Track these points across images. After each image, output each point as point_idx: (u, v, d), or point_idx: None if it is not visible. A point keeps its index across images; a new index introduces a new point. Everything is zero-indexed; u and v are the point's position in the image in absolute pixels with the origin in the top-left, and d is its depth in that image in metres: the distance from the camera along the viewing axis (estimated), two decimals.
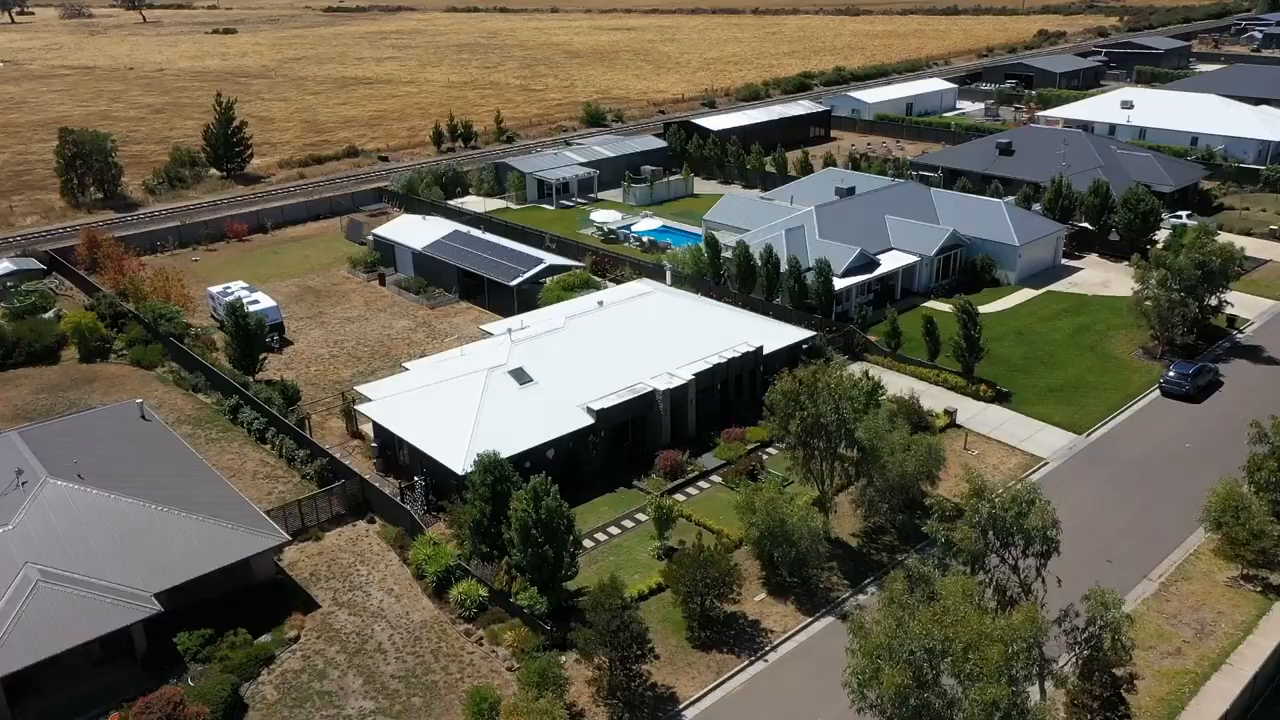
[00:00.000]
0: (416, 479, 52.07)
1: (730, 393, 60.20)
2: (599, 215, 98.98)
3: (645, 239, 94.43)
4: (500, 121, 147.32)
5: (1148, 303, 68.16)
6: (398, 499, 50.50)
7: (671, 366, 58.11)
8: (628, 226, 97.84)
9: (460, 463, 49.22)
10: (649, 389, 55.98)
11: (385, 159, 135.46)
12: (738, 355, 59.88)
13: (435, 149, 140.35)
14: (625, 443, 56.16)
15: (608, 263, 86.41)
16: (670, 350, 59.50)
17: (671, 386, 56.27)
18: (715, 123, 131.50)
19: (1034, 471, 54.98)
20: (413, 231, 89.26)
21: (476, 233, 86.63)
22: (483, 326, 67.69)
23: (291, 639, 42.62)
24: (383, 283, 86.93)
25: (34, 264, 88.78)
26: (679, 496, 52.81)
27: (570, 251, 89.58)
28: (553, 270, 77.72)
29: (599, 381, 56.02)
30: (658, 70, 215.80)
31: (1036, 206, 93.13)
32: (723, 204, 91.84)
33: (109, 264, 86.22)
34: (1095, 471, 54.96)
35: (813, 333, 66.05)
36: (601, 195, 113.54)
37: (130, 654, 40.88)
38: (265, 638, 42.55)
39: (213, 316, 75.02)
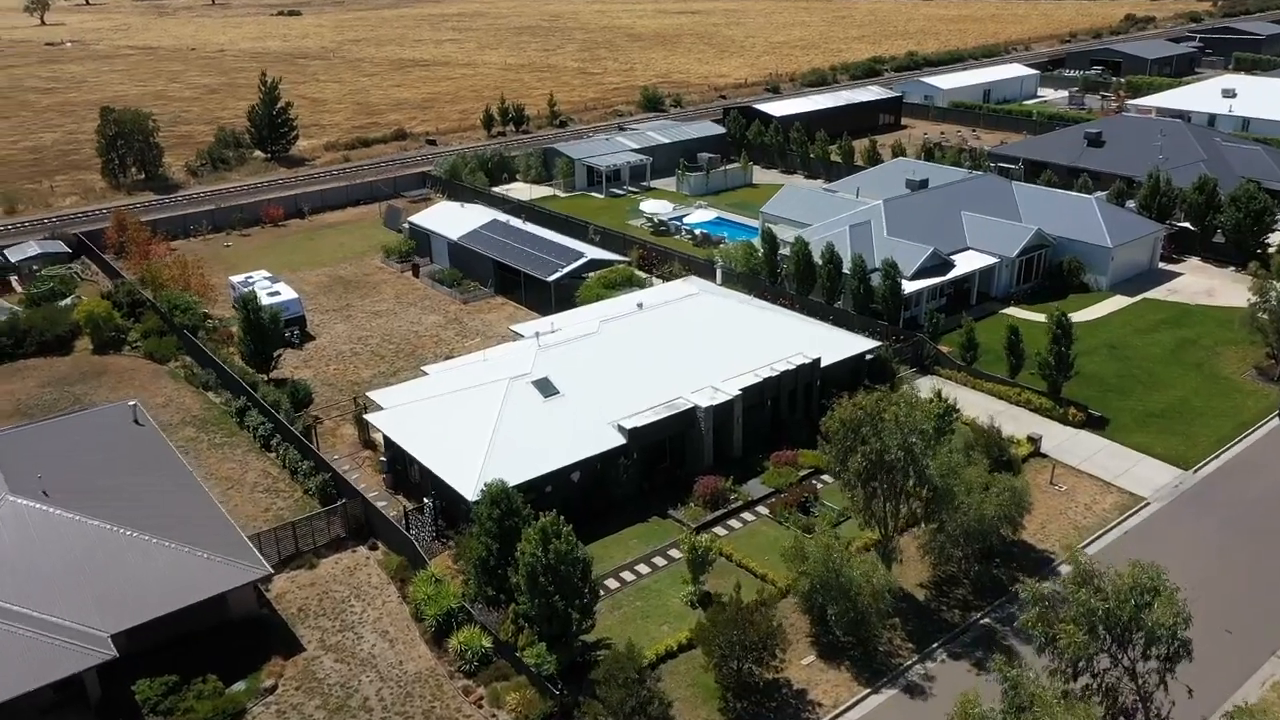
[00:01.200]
0: (426, 500, 46.57)
1: (782, 410, 53.62)
2: (649, 205, 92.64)
3: (698, 232, 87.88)
4: (553, 105, 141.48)
5: (1263, 316, 59.80)
6: (402, 524, 44.98)
7: (716, 379, 51.71)
8: (680, 218, 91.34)
9: (471, 487, 43.51)
10: (689, 405, 49.67)
11: (433, 142, 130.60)
12: (791, 368, 53.23)
13: (485, 133, 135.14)
14: (662, 464, 50.00)
15: (655, 257, 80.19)
16: (715, 360, 53.08)
17: (715, 403, 49.89)
18: (777, 109, 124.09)
19: (1133, 514, 47.48)
20: (450, 220, 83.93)
21: (516, 222, 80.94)
22: (512, 327, 61.93)
23: (267, 689, 37.36)
24: (416, 274, 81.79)
25: (61, 247, 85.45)
26: (719, 530, 46.50)
27: (616, 244, 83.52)
28: (594, 265, 71.67)
29: (633, 395, 49.89)
30: (721, 54, 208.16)
31: (1131, 204, 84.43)
32: (782, 196, 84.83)
33: (134, 248, 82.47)
34: (1206, 515, 47.29)
35: (877, 343, 59.04)
36: (654, 184, 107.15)
37: (84, 700, 35.98)
38: (238, 686, 37.36)
39: (234, 307, 70.22)
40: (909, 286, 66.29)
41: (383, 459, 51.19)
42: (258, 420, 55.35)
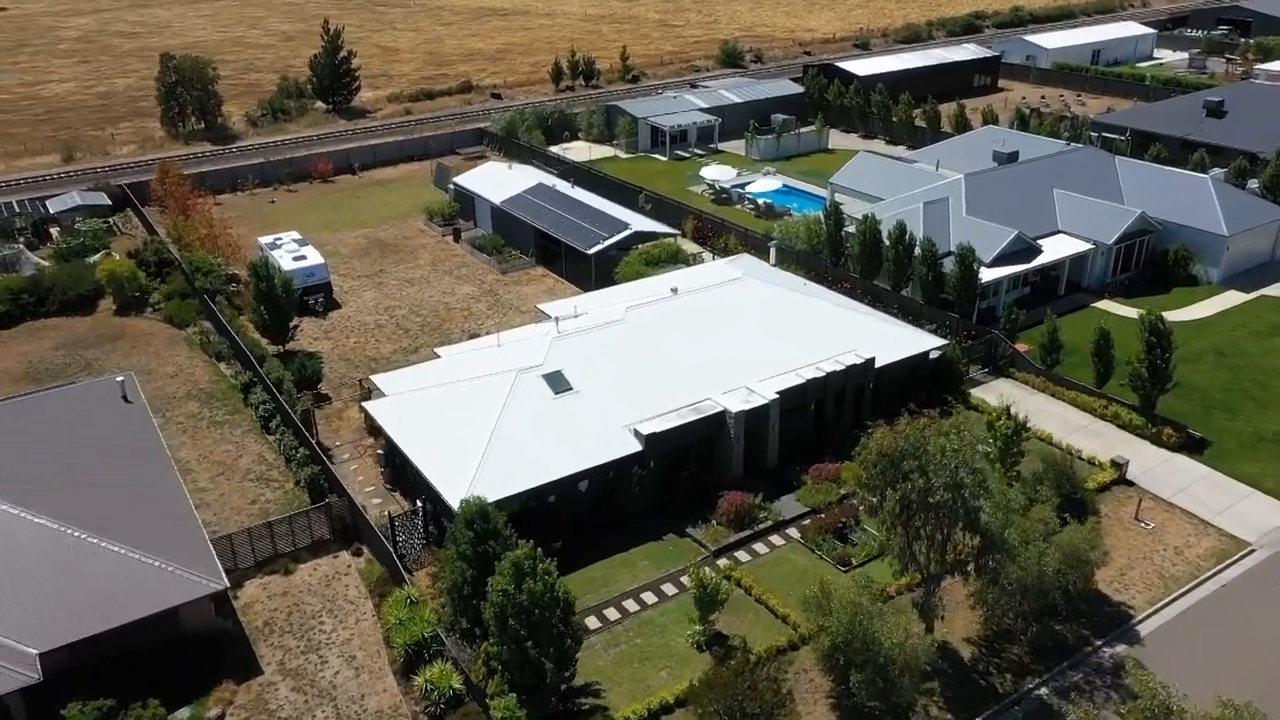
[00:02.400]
0: (419, 502, 42.14)
1: (828, 415, 47.56)
2: (711, 171, 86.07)
3: (761, 202, 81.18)
4: (626, 59, 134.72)
5: None
6: (387, 530, 40.61)
7: (753, 378, 45.87)
8: (743, 186, 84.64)
9: (459, 494, 38.74)
10: (718, 408, 43.98)
11: (498, 96, 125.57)
12: (840, 368, 47.00)
13: (553, 87, 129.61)
14: (686, 472, 44.61)
15: (711, 229, 74.03)
16: (754, 356, 47.18)
17: (748, 407, 44.09)
18: (861, 68, 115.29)
19: (1234, 562, 40.33)
20: (495, 182, 78.95)
21: (563, 187, 75.48)
22: (539, 306, 56.82)
23: (213, 718, 33.52)
24: (457, 239, 77.23)
25: (103, 199, 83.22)
26: (741, 555, 40.99)
27: (670, 213, 77.56)
28: (639, 237, 65.91)
29: (657, 394, 44.42)
30: (810, 6, 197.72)
31: (1253, 184, 74.74)
32: (854, 165, 77.43)
33: (173, 203, 79.65)
34: None
35: (942, 341, 52.18)
36: (723, 146, 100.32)
37: None
38: (182, 713, 33.64)
39: (247, 272, 66.08)
40: (986, 274, 58.96)
41: (379, 452, 46.91)
42: (260, 398, 51.66)
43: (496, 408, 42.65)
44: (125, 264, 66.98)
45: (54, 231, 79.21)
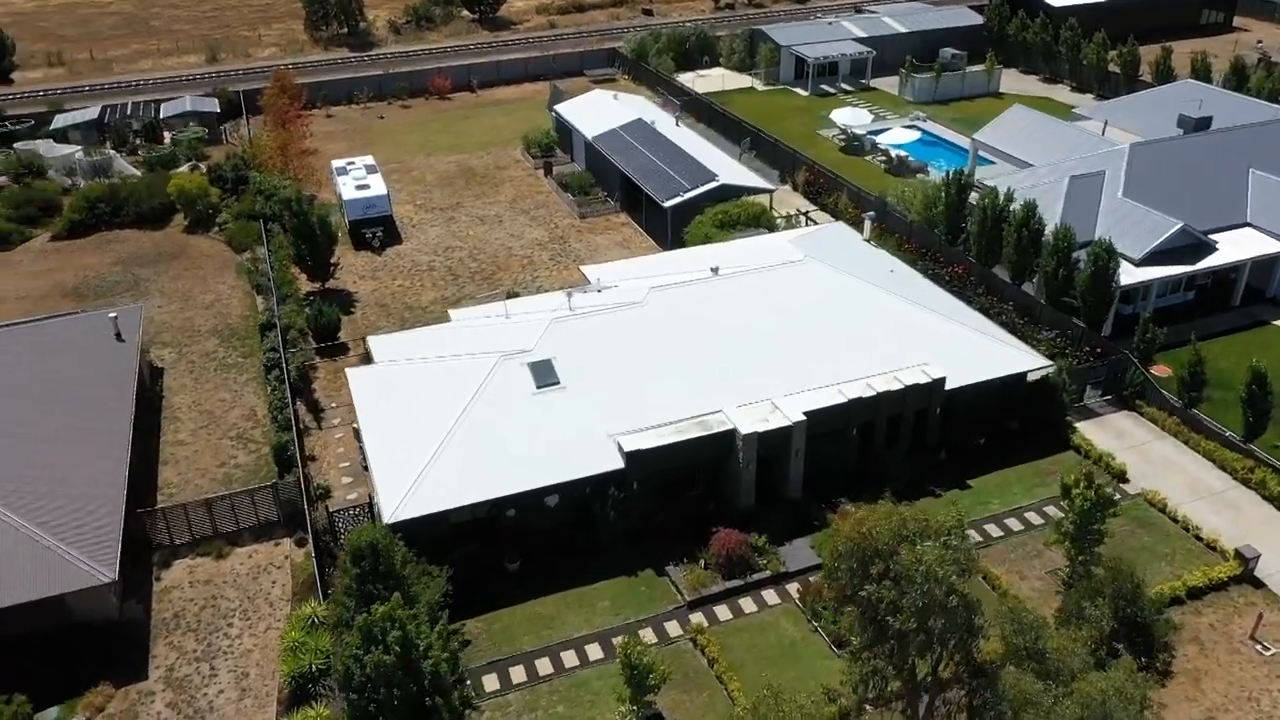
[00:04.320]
0: (372, 496, 37.28)
1: (878, 442, 39.05)
2: (842, 114, 75.44)
3: (894, 154, 70.40)
4: None
5: None
6: (324, 525, 36.03)
7: (785, 389, 37.92)
8: (877, 133, 73.78)
9: (395, 501, 33.59)
10: (726, 426, 36.43)
11: (649, 12, 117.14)
12: (898, 387, 38.20)
13: (712, 4, 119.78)
14: (691, 491, 37.62)
15: (823, 184, 64.57)
16: (794, 362, 39.09)
17: (763, 429, 36.30)
18: None
19: None
20: (596, 113, 71.85)
21: (664, 124, 67.48)
22: (583, 267, 50.19)
23: None
24: (548, 173, 71.12)
25: (212, 106, 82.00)
26: (721, 610, 33.87)
27: (785, 161, 68.48)
28: (725, 192, 57.53)
29: (661, 399, 37.33)
30: None
31: None
32: (1005, 120, 65.22)
33: (273, 114, 77.29)
34: None
35: (1045, 362, 41.95)
36: (877, 83, 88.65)
37: None
38: (50, 712, 30.55)
39: (280, 204, 61.94)
40: (1134, 275, 47.51)
41: (355, 427, 42.24)
42: (271, 343, 48.07)
43: (466, 397, 36.86)
44: (196, 179, 65.00)
45: (166, 136, 78.72)
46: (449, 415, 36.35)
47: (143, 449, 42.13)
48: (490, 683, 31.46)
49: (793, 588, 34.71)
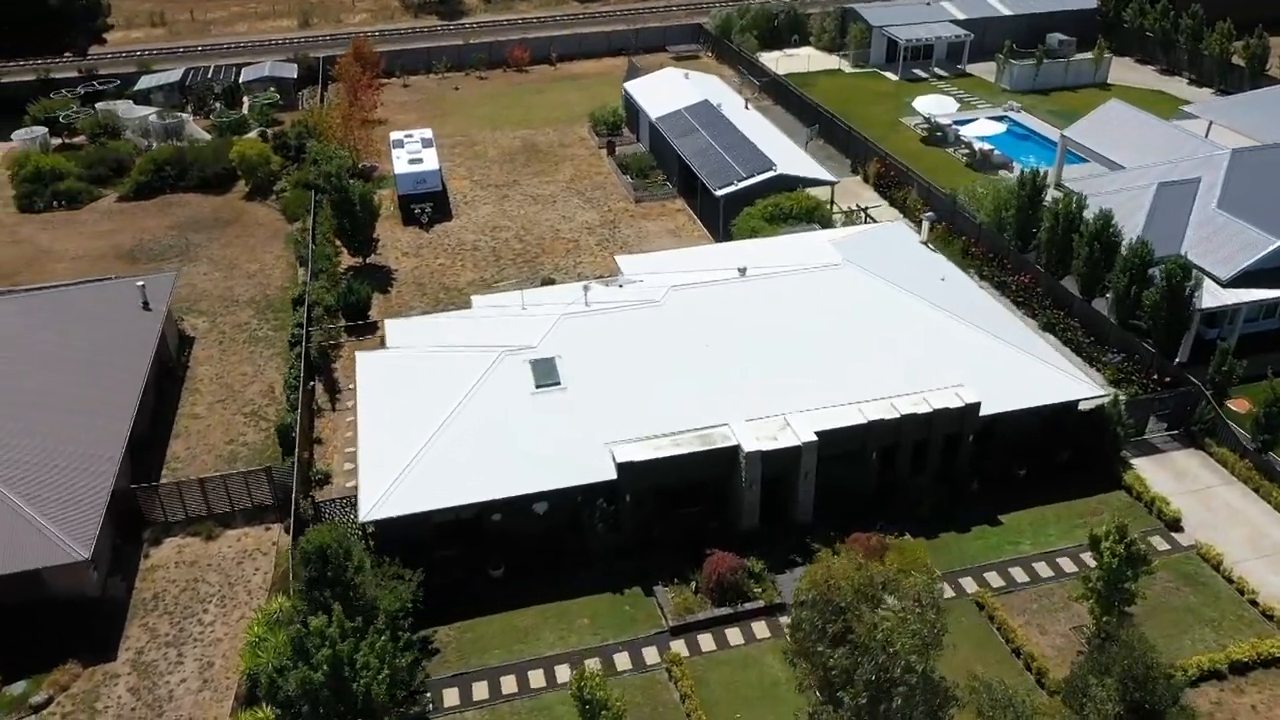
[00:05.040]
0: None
1: (901, 467, 36.06)
2: (925, 102, 70.90)
3: (978, 146, 65.84)
4: None
5: None
6: (309, 516, 35.16)
7: (802, 405, 35.26)
8: (962, 123, 69.16)
9: (373, 498, 32.44)
10: (730, 442, 34.01)
11: None
12: (925, 411, 35.09)
13: None
14: (693, 507, 35.42)
15: (894, 177, 60.80)
16: (815, 376, 36.33)
17: (768, 447, 33.77)
18: None
19: None
20: (665, 92, 69.28)
21: (728, 108, 64.45)
22: (618, 257, 48.11)
23: (37, 704, 30.17)
24: (611, 153, 69.08)
25: (290, 72, 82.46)
26: (705, 640, 31.68)
27: (857, 150, 64.87)
28: (783, 182, 54.37)
29: (667, 407, 35.16)
30: None
31: None
32: (1099, 116, 59.94)
33: (345, 81, 77.28)
34: None
35: (1101, 391, 37.97)
36: (973, 68, 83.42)
37: None
38: (16, 687, 30.58)
39: (320, 177, 61.03)
40: (1219, 297, 42.86)
41: None
42: (298, 318, 47.64)
43: (461, 393, 35.38)
44: (257, 146, 65.23)
45: (245, 100, 79.54)
46: (442, 410, 34.96)
47: (158, 420, 42.29)
48: (451, 697, 30.12)
49: (786, 621, 32.20)
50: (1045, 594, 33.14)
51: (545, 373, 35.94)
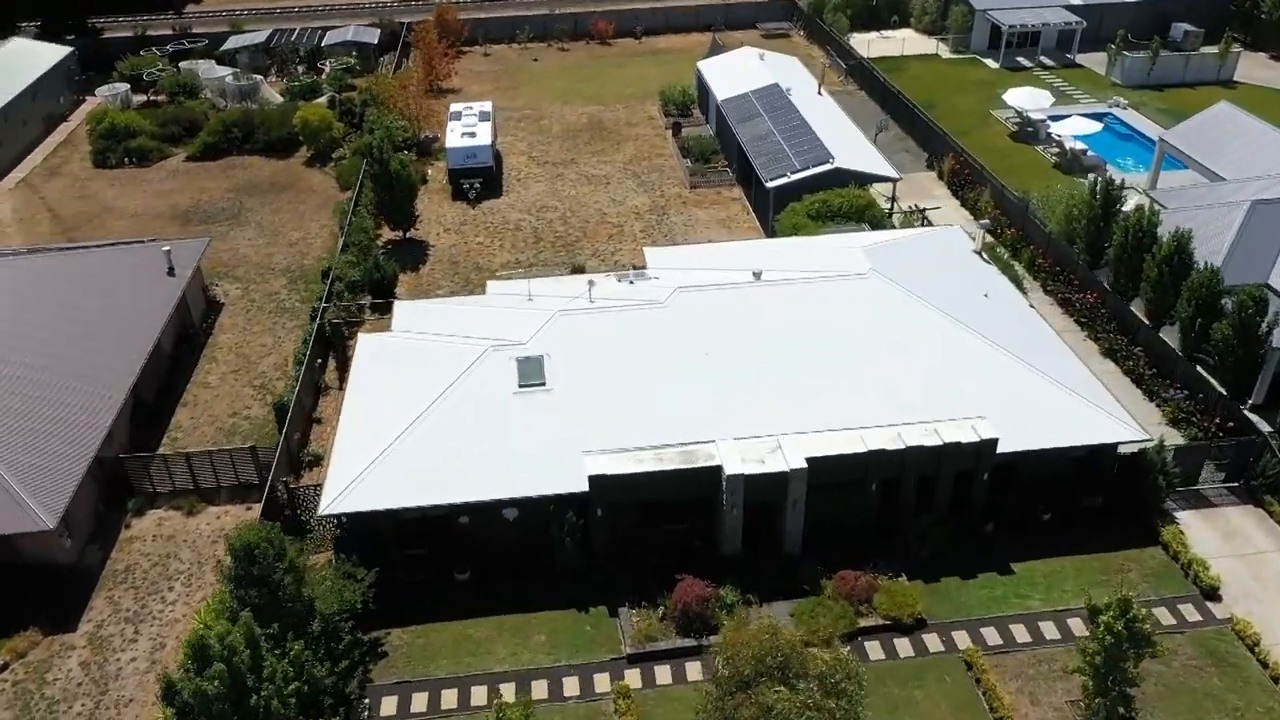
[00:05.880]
0: None
1: (905, 500, 33.12)
2: (1018, 95, 65.70)
3: (1069, 146, 60.76)
4: None
5: None
6: (283, 500, 34.50)
7: (800, 425, 32.68)
8: (1056, 119, 63.93)
9: (336, 491, 31.50)
10: (713, 462, 31.72)
11: None
12: (934, 444, 32.03)
13: None
14: (677, 525, 33.33)
15: (968, 175, 56.63)
16: (819, 395, 33.63)
17: (752, 471, 31.35)
18: None
19: None
20: (736, 72, 66.31)
21: (799, 92, 61.01)
22: (646, 249, 45.90)
23: None
24: (677, 134, 66.59)
25: (372, 37, 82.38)
26: (662, 672, 29.66)
27: (936, 144, 60.70)
28: (840, 176, 51.02)
29: (655, 418, 33.09)
30: None
31: None
32: (1207, 118, 54.24)
33: (421, 49, 76.79)
34: None
35: (1142, 435, 33.90)
36: (1083, 58, 77.38)
37: None
38: None
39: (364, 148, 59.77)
40: None
41: None
42: (319, 290, 47.23)
43: (442, 387, 34.05)
44: (320, 112, 65.24)
45: (327, 64, 79.93)
46: (420, 404, 33.72)
47: (170, 386, 42.48)
48: (389, 705, 29.03)
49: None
50: (1046, 658, 29.88)
51: (531, 372, 34.25)
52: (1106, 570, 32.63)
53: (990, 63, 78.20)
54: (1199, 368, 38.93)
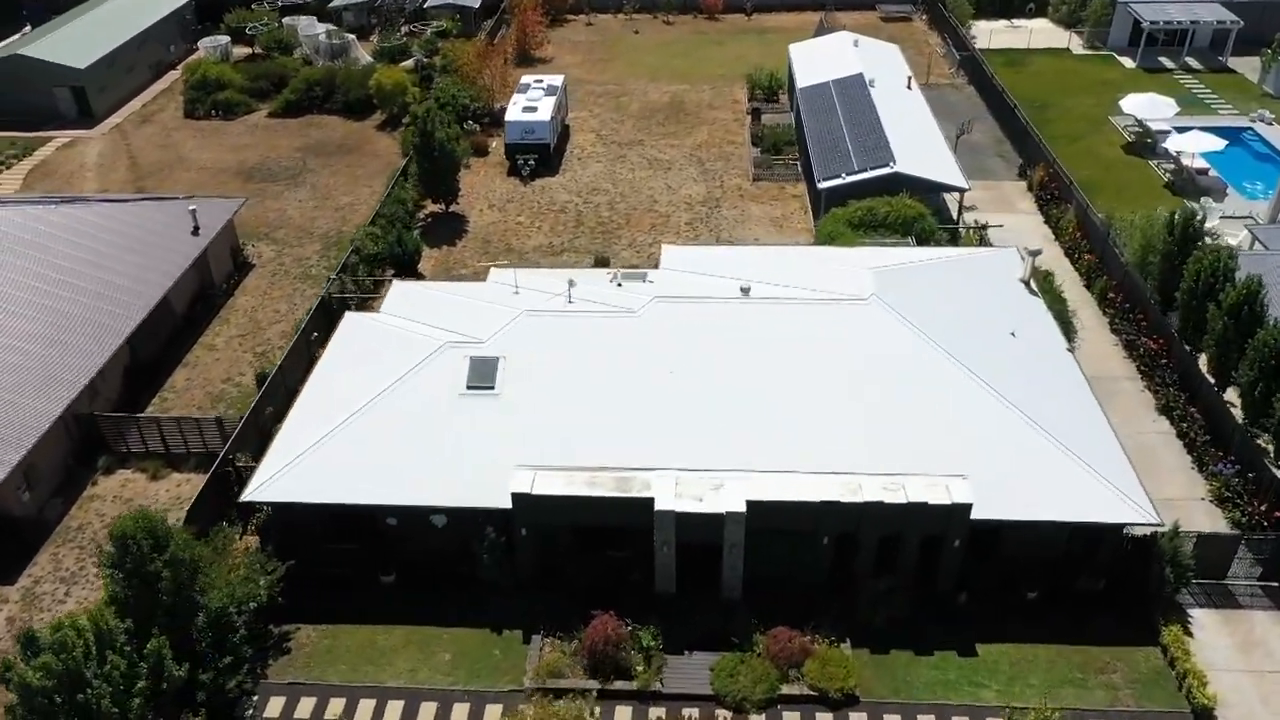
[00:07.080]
0: None
1: (861, 562, 29.78)
2: (1137, 102, 58.67)
3: (1187, 162, 53.98)
4: None
5: None
6: (231, 474, 34.09)
7: (751, 462, 29.81)
8: (1178, 130, 56.86)
9: (262, 479, 30.82)
10: (646, 494, 29.24)
11: None
12: (892, 501, 28.55)
13: None
14: (619, 553, 31.15)
15: (1056, 189, 51.13)
16: (785, 431, 30.56)
17: (687, 509, 28.74)
18: None
19: None
20: (825, 59, 62.04)
21: (883, 86, 56.28)
22: (664, 246, 43.16)
23: None
24: (756, 120, 63.02)
25: (475, 0, 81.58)
26: (564, 714, 27.66)
27: (1030, 151, 55.15)
28: (900, 182, 46.74)
29: (601, 436, 30.86)
30: None
31: None
32: None
33: (515, 16, 75.59)
34: None
35: (1151, 519, 29.15)
36: (1235, 62, 68.91)
37: None
38: None
39: (408, 119, 58.18)
40: None
41: None
42: (341, 261, 46.85)
43: (390, 380, 32.76)
44: (395, 75, 64.90)
45: (426, 27, 79.82)
46: (366, 395, 32.56)
47: (176, 345, 43.00)
48: (275, 706, 28.26)
49: (656, 715, 27.61)
50: None
51: (481, 373, 32.52)
52: (1086, 667, 28.44)
53: (1126, 61, 70.67)
54: (1260, 440, 33.55)
